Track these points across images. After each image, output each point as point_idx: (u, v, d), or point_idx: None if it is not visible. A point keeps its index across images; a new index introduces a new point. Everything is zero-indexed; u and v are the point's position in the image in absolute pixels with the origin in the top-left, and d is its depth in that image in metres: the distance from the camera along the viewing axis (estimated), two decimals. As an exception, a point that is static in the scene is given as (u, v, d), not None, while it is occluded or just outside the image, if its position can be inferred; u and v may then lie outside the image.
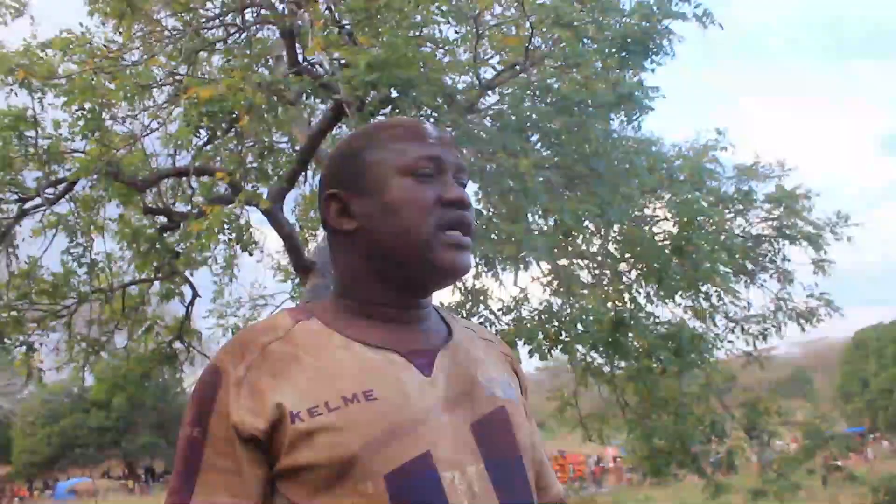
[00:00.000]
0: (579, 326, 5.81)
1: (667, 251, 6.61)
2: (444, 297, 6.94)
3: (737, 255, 8.02)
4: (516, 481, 1.15)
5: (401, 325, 1.19)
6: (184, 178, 7.03)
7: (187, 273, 7.35)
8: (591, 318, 5.66)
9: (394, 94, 4.73)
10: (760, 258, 8.70)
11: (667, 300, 7.31)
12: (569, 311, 5.86)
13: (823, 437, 10.96)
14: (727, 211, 8.42)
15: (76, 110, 6.04)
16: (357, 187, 1.20)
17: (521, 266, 6.15)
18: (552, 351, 6.05)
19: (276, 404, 1.07)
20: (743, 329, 8.59)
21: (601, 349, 6.51)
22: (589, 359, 7.15)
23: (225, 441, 1.08)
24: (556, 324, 5.94)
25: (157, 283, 7.57)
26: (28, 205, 6.78)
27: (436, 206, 1.16)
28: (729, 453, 8.84)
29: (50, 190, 6.70)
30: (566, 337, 5.94)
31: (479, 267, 6.72)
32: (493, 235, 5.39)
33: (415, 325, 1.20)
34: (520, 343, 5.98)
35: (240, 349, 1.13)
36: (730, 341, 8.51)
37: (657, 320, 7.06)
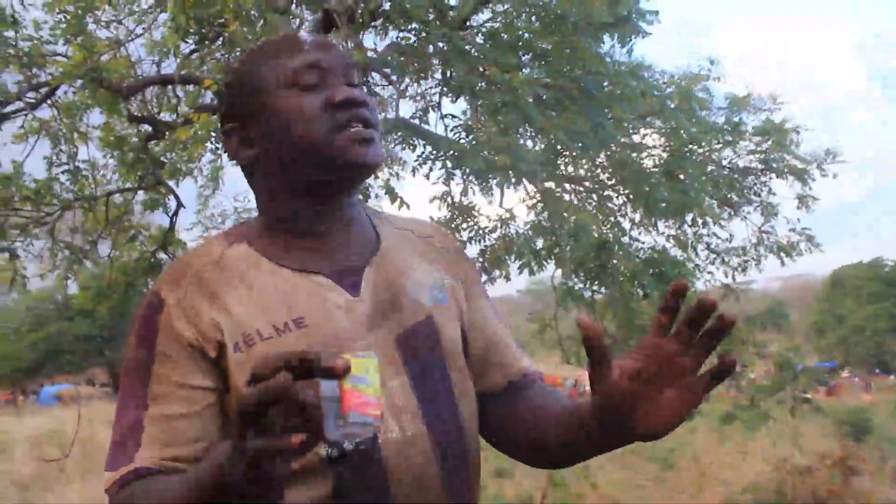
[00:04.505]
0: (570, 241, 5.82)
1: (655, 177, 6.62)
2: (433, 212, 6.93)
3: (722, 186, 8.06)
4: (440, 391, 1.17)
5: (325, 240, 1.19)
6: (169, 87, 6.90)
7: (172, 183, 7.29)
8: (583, 232, 5.66)
9: (386, 5, 4.63)
10: (745, 190, 8.74)
11: (651, 227, 7.37)
12: (560, 226, 5.86)
13: (795, 370, 11.23)
14: (715, 142, 8.41)
15: (58, 13, 5.87)
16: (249, 114, 1.19)
17: (513, 182, 6.13)
18: (544, 263, 6.08)
19: (216, 326, 1.10)
20: (723, 260, 8.69)
21: (582, 273, 6.58)
22: (570, 282, 7.23)
23: (174, 357, 1.10)
24: (550, 238, 5.95)
25: (141, 192, 7.51)
26: (8, 108, 6.63)
27: (325, 111, 1.14)
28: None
29: (31, 94, 6.55)
30: (559, 250, 5.96)
31: (469, 183, 6.71)
32: (484, 152, 5.36)
33: (340, 239, 1.20)
34: (510, 259, 6.03)
35: (176, 275, 1.15)
36: (709, 272, 8.63)
37: (641, 245, 7.14)
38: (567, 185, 7.66)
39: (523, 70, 5.53)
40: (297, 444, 0.80)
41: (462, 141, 6.07)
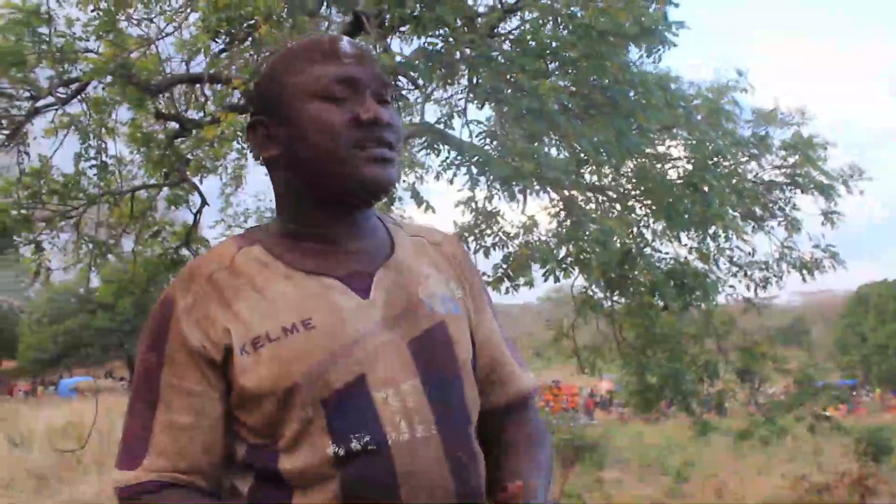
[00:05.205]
0: (596, 248, 5.78)
1: (677, 188, 6.59)
2: (457, 217, 6.95)
3: (747, 200, 7.99)
4: (452, 397, 1.18)
5: (339, 245, 1.21)
6: (197, 86, 6.96)
7: (196, 180, 7.35)
8: (609, 239, 5.63)
9: (416, 11, 4.65)
10: (770, 205, 8.64)
11: (674, 238, 7.32)
12: (585, 233, 5.83)
13: (815, 387, 11.08)
14: (741, 155, 8.33)
15: (91, 10, 5.95)
16: (277, 114, 1.21)
17: (536, 189, 6.11)
18: (570, 270, 6.04)
19: (225, 331, 1.12)
20: (746, 274, 8.60)
21: (604, 282, 6.55)
22: (590, 292, 7.21)
23: (183, 364, 1.13)
24: (576, 243, 5.91)
25: (166, 189, 7.57)
26: (40, 103, 6.72)
27: (349, 127, 1.15)
28: (719, 394, 8.97)
29: (62, 89, 6.63)
30: (585, 256, 5.91)
31: (494, 188, 6.71)
32: (510, 160, 5.35)
33: (353, 245, 1.22)
34: (535, 267, 6.01)
35: (188, 279, 1.17)
36: (731, 286, 8.54)
37: (663, 256, 7.10)
38: (590, 194, 7.64)
39: (550, 78, 5.52)
40: None
41: (487, 147, 6.08)
